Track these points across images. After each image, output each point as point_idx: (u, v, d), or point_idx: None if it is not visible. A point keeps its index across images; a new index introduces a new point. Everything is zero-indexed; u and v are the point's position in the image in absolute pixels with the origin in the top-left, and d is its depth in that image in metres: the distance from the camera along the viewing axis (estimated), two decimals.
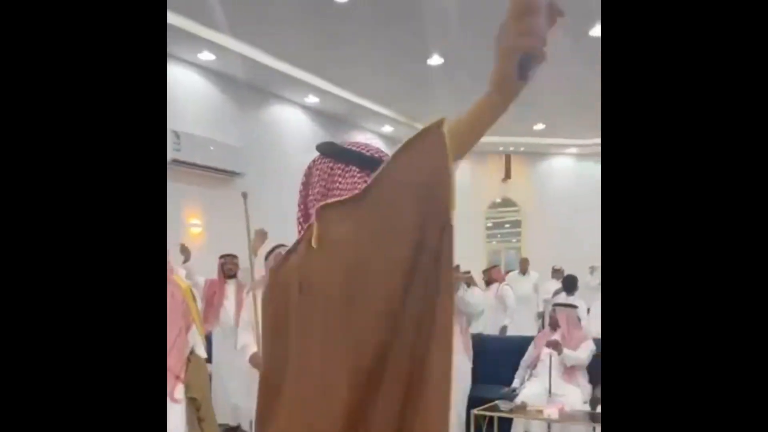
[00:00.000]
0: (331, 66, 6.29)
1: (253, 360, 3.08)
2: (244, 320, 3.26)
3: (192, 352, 3.15)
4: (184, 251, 4.47)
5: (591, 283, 7.11)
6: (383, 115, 7.78)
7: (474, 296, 4.05)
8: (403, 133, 8.65)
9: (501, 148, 9.79)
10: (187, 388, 3.03)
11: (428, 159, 1.06)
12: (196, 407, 3.12)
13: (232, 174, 6.04)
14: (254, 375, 3.14)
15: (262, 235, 4.00)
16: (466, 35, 5.45)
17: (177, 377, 2.94)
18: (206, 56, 5.67)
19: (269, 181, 6.61)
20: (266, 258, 3.34)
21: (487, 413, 3.39)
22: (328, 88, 6.80)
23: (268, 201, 6.24)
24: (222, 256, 4.53)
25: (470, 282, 4.13)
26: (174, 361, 2.93)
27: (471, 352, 3.90)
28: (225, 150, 5.86)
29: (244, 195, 3.34)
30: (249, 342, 3.13)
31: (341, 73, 6.51)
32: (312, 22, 5.25)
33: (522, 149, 9.75)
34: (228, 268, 4.44)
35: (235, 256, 4.38)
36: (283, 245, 3.27)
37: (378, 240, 1.02)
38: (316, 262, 1.06)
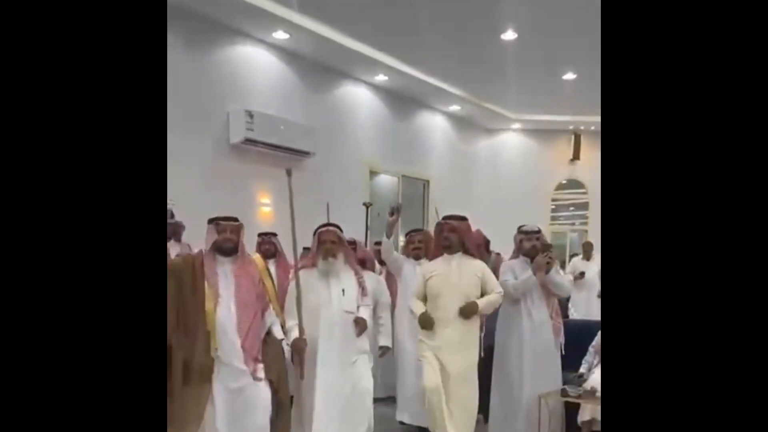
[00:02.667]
0: (401, 44, 6.07)
1: (296, 344, 2.96)
2: (288, 304, 3.13)
3: (269, 332, 3.04)
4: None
5: None
6: (451, 93, 7.48)
7: (563, 278, 3.84)
8: (470, 112, 8.33)
9: (571, 127, 9.28)
10: (264, 371, 2.92)
11: None
12: (273, 390, 2.98)
13: (303, 153, 5.96)
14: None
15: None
16: (541, 8, 5.09)
17: (255, 359, 2.88)
18: (280, 35, 5.56)
19: (338, 160, 6.51)
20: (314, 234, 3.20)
21: (555, 398, 3.38)
22: (398, 66, 6.57)
23: (337, 180, 6.15)
24: (260, 235, 4.26)
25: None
26: (250, 344, 2.86)
27: (562, 338, 3.67)
28: (296, 129, 5.77)
29: (288, 171, 3.21)
30: (293, 326, 3.01)
31: (411, 50, 6.27)
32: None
33: (593, 128, 9.20)
34: (265, 248, 4.13)
35: (274, 234, 4.11)
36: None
37: None
38: None
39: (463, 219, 3.46)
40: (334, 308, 3.04)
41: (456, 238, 3.36)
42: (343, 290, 3.10)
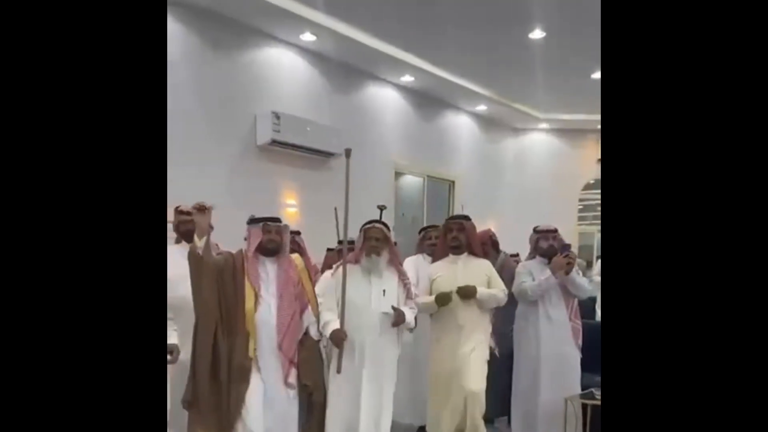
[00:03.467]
0: (427, 44, 5.99)
1: (335, 336, 2.90)
2: (327, 297, 3.08)
3: (306, 333, 3.00)
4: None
5: None
6: (478, 93, 7.38)
7: (583, 279, 3.76)
8: (497, 112, 8.21)
9: (599, 126, 9.07)
10: (300, 373, 2.90)
11: None
12: (308, 393, 2.95)
13: (328, 154, 5.94)
14: None
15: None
16: (569, 6, 4.96)
17: (291, 362, 2.85)
18: (308, 37, 5.55)
19: (363, 161, 6.46)
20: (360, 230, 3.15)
21: (582, 401, 3.34)
22: (424, 66, 6.50)
23: (362, 181, 6.10)
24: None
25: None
26: (287, 346, 2.83)
27: (580, 341, 3.58)
28: (322, 130, 5.76)
29: (347, 152, 3.18)
30: (332, 318, 2.97)
31: (438, 51, 6.18)
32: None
33: None
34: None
35: (297, 233, 4.01)
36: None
37: None
38: None
39: (468, 219, 3.41)
40: (372, 308, 2.98)
41: (464, 238, 3.32)
42: (384, 290, 3.03)
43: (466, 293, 3.20)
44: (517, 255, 4.92)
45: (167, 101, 4.24)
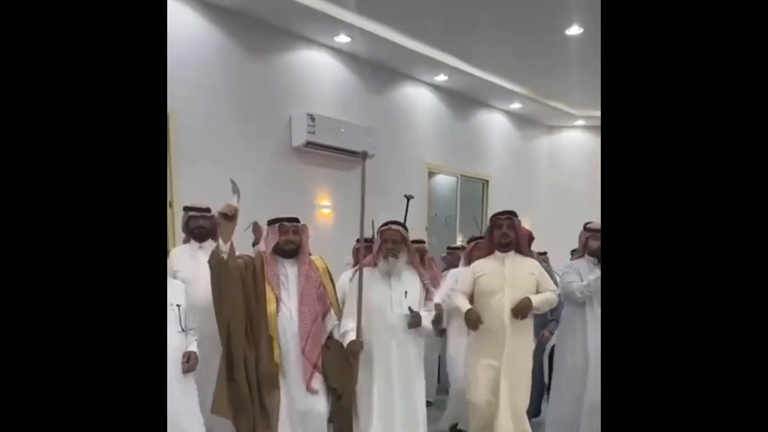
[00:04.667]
0: (462, 43, 5.87)
1: (351, 348, 2.80)
2: (347, 302, 2.97)
3: (330, 337, 2.91)
4: (257, 230, 3.92)
5: None
6: (512, 91, 7.22)
7: None
8: (532, 110, 8.03)
9: None
10: (326, 377, 2.82)
11: None
12: (338, 396, 2.86)
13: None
14: None
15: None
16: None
17: (314, 366, 2.76)
18: (342, 39, 5.51)
19: (397, 161, 6.41)
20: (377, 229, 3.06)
21: None
22: (458, 65, 6.38)
23: (395, 181, 6.05)
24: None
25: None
26: (310, 350, 2.74)
27: None
28: (356, 131, 5.72)
29: (363, 154, 3.07)
30: (352, 328, 2.86)
31: (472, 49, 6.06)
32: None
33: None
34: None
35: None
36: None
37: None
38: None
39: (515, 215, 3.20)
40: (393, 311, 2.87)
41: (513, 235, 3.13)
42: (405, 292, 2.92)
43: (523, 308, 2.99)
44: (544, 254, 4.77)
45: (203, 104, 4.26)
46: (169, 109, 4.53)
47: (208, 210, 3.36)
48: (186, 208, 3.39)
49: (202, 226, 3.29)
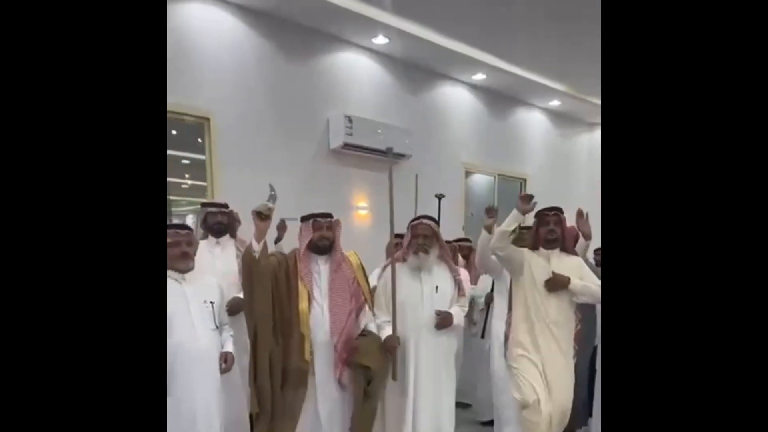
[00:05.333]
0: (500, 41, 5.78)
1: (388, 343, 2.74)
2: (377, 298, 2.90)
3: (363, 332, 2.85)
4: (281, 228, 3.89)
5: None
6: (551, 88, 7.05)
7: None
8: (571, 107, 7.83)
9: None
10: (360, 356, 2.72)
11: None
12: (368, 379, 2.74)
13: (400, 156, 5.86)
14: None
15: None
16: None
17: (343, 362, 2.71)
18: (380, 40, 5.48)
19: (434, 161, 6.35)
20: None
21: None
22: (497, 63, 6.27)
23: (432, 181, 5.99)
24: (397, 236, 4.18)
25: None
26: (342, 347, 2.70)
27: None
28: (393, 132, 5.68)
29: (389, 150, 3.06)
30: (385, 323, 2.80)
31: (510, 47, 5.96)
32: None
33: None
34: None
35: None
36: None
37: None
38: None
39: (561, 211, 3.04)
40: (425, 306, 2.81)
41: (560, 231, 2.97)
42: (436, 287, 2.85)
43: (557, 284, 2.82)
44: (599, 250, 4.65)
45: (242, 107, 4.30)
46: (208, 112, 4.60)
47: (225, 206, 3.39)
48: (204, 204, 3.45)
49: (220, 222, 3.33)
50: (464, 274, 3.34)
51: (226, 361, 2.55)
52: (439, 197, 4.58)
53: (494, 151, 7.26)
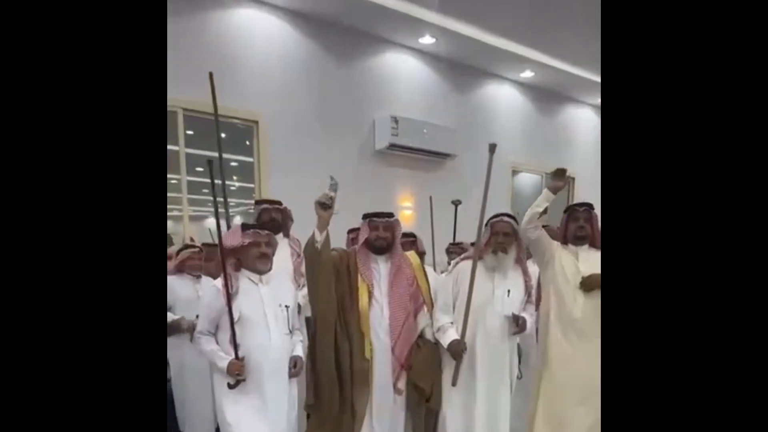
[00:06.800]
0: (547, 37, 5.60)
1: (454, 348, 2.60)
2: (441, 296, 2.77)
3: (421, 336, 2.74)
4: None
5: None
6: (600, 83, 6.78)
7: None
8: None
9: None
10: (415, 376, 2.66)
11: None
12: (425, 398, 2.68)
13: (445, 156, 5.77)
14: None
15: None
16: None
17: (402, 366, 2.64)
18: (427, 40, 5.40)
19: (480, 161, 6.20)
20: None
21: None
22: (544, 60, 6.09)
23: (478, 180, 5.86)
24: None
25: None
26: (400, 349, 2.62)
27: None
28: (439, 132, 5.59)
29: (492, 147, 2.85)
30: (448, 325, 2.67)
31: (558, 43, 5.77)
32: None
33: None
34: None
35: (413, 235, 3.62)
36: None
37: None
38: None
39: (592, 207, 2.83)
40: (495, 310, 2.65)
41: (590, 228, 2.77)
42: (508, 291, 2.68)
43: (591, 284, 2.63)
44: None
45: (289, 109, 4.28)
46: (257, 114, 4.63)
47: (279, 203, 3.36)
48: (258, 201, 3.40)
49: (275, 218, 3.28)
50: None
51: (295, 365, 2.48)
52: (456, 203, 4.44)
53: (542, 149, 7.05)
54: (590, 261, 2.74)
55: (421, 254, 3.66)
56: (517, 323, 2.65)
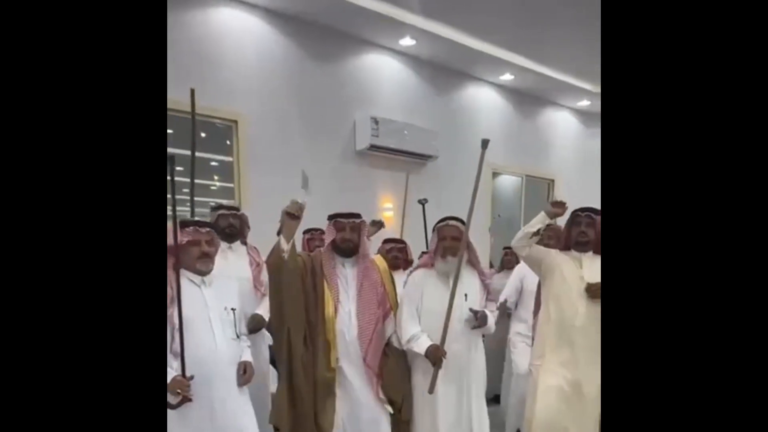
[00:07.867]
0: (528, 41, 5.63)
1: (433, 354, 2.49)
2: (405, 305, 2.63)
3: (388, 344, 2.63)
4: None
5: None
6: (580, 88, 6.85)
7: None
8: (600, 107, 7.60)
9: None
10: (385, 388, 2.56)
11: None
12: (397, 409, 2.59)
13: (426, 157, 5.77)
14: None
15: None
16: None
17: (378, 375, 2.53)
18: (407, 42, 5.40)
19: (460, 162, 6.23)
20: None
21: None
22: (525, 63, 6.12)
23: (459, 182, 5.87)
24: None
25: None
26: (372, 357, 2.51)
27: None
28: (419, 133, 5.60)
29: (485, 143, 2.84)
30: (420, 332, 2.57)
31: (538, 47, 5.80)
32: None
33: None
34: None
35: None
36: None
37: None
38: None
39: (598, 213, 2.79)
40: (455, 316, 2.55)
41: (593, 234, 2.75)
42: (465, 295, 2.61)
43: (597, 292, 2.59)
44: None
45: (269, 109, 4.25)
46: (236, 114, 4.59)
47: (237, 209, 3.21)
48: (215, 207, 3.22)
49: (232, 225, 3.11)
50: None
51: (245, 371, 2.30)
52: (423, 203, 4.43)
53: (522, 151, 7.10)
54: (594, 268, 2.70)
55: (410, 263, 3.64)
56: (476, 317, 2.59)
